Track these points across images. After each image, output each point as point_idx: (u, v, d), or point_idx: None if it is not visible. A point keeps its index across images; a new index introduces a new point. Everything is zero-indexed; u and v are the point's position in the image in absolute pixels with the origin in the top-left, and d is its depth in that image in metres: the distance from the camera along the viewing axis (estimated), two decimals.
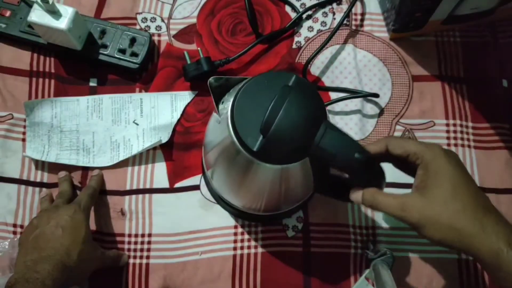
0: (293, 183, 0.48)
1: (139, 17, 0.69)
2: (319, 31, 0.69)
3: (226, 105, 0.43)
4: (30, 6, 0.62)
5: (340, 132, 0.41)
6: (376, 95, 0.64)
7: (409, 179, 0.44)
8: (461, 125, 0.64)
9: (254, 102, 0.41)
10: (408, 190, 0.58)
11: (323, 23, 0.69)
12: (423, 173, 0.40)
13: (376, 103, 0.65)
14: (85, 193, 0.58)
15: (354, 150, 0.40)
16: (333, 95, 0.65)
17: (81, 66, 0.67)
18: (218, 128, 0.46)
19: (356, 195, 0.43)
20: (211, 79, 0.45)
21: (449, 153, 0.41)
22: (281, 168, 0.43)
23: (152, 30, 0.69)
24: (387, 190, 0.62)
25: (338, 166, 0.42)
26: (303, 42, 0.68)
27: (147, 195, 0.62)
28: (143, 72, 0.67)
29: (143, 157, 0.63)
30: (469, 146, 0.63)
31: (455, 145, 0.63)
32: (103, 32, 0.66)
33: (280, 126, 0.39)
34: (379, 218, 0.61)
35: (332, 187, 0.50)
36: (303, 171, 0.45)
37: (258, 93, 0.41)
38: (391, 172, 0.45)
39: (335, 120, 0.65)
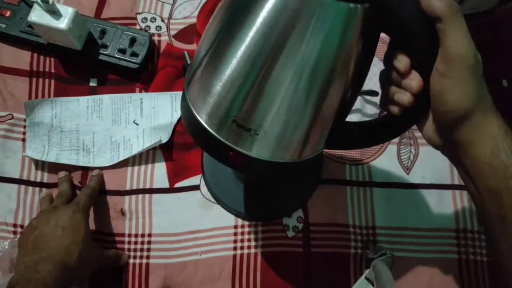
0: (333, 59, 0.32)
1: (139, 17, 0.69)
2: None
3: None
4: (30, 6, 0.62)
5: None
6: (375, 93, 0.64)
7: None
8: None
9: None
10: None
11: None
12: None
13: (376, 103, 0.65)
14: (84, 193, 0.58)
15: None
16: None
17: (81, 66, 0.67)
18: None
19: None
20: None
21: None
22: (331, 8, 0.30)
23: (152, 30, 0.69)
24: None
25: (403, 14, 0.32)
26: None
27: (147, 195, 0.62)
28: (143, 72, 0.67)
29: (143, 157, 0.63)
30: None
31: None
32: (103, 32, 0.66)
33: None
34: (379, 218, 0.61)
35: (348, 135, 0.42)
36: (348, 45, 0.32)
37: None
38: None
39: None
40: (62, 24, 0.60)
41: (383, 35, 0.35)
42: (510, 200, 0.33)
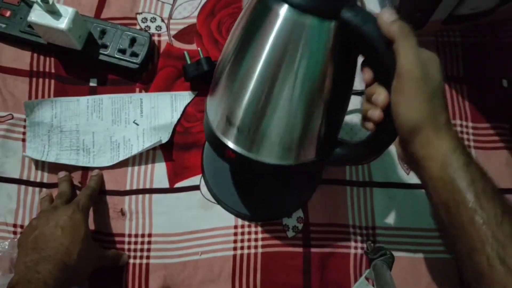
0: (314, 69, 0.39)
1: (139, 17, 0.69)
2: None
3: None
4: (30, 6, 0.62)
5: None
6: None
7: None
8: (461, 125, 0.64)
9: None
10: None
11: None
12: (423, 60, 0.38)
13: None
14: (84, 193, 0.58)
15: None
16: None
17: (81, 66, 0.67)
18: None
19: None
20: None
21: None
22: (307, 24, 0.37)
23: (152, 30, 0.69)
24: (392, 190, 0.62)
25: (365, 33, 0.37)
26: None
27: (147, 195, 0.62)
28: (143, 72, 0.67)
29: (143, 157, 0.63)
30: (469, 146, 0.63)
31: None
32: (103, 32, 0.66)
33: None
34: (379, 218, 0.61)
35: (339, 149, 0.47)
36: (327, 54, 0.38)
37: None
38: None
39: None
40: (62, 24, 0.60)
41: None
42: (456, 210, 0.36)
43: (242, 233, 0.60)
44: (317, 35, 0.37)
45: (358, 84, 0.65)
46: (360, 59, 0.41)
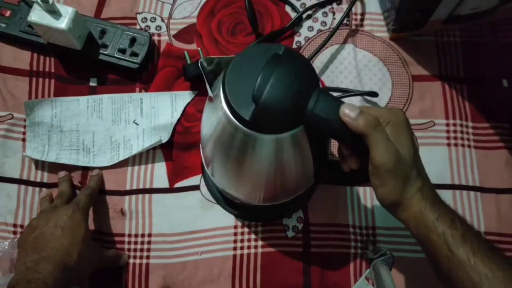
0: (290, 161, 0.45)
1: (139, 17, 0.69)
2: (319, 31, 0.69)
3: (219, 83, 0.42)
4: (30, 6, 0.62)
5: (333, 97, 0.40)
6: (375, 94, 0.64)
7: None
8: (461, 125, 0.64)
9: (246, 73, 0.39)
10: None
11: (323, 23, 0.69)
12: (392, 129, 0.41)
13: (376, 103, 0.65)
14: (84, 193, 0.58)
15: None
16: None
17: (81, 66, 0.67)
18: (212, 109, 0.44)
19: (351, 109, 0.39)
20: (202, 59, 0.47)
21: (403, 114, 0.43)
22: (275, 139, 0.40)
23: (152, 30, 0.69)
24: None
25: (332, 131, 0.40)
26: (303, 42, 0.68)
27: (147, 195, 0.62)
28: (143, 72, 0.67)
29: (143, 157, 0.63)
30: (469, 146, 0.63)
31: (455, 145, 0.63)
32: (103, 32, 0.66)
33: (271, 93, 0.38)
34: (379, 218, 0.61)
35: (331, 172, 0.50)
36: (300, 147, 0.43)
37: (249, 64, 0.40)
38: None
39: None
40: (62, 24, 0.60)
41: None
42: (436, 259, 0.40)
43: (242, 233, 0.60)
44: (289, 141, 0.41)
45: (358, 84, 0.65)
46: None
